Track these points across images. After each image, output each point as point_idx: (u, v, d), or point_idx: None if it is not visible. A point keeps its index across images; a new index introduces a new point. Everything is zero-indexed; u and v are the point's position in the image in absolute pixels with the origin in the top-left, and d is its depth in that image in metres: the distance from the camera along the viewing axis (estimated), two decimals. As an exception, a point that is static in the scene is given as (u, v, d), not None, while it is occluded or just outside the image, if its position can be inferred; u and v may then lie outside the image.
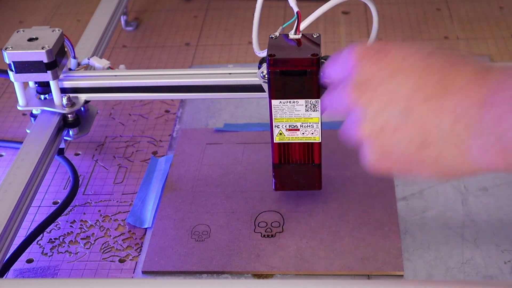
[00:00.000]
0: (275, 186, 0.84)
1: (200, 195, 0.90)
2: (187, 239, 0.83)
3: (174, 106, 1.10)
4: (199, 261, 0.80)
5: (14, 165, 0.82)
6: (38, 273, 0.82)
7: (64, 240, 0.86)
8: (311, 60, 0.75)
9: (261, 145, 0.98)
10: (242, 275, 0.79)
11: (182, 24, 1.35)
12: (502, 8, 1.32)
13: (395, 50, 0.54)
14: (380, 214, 0.85)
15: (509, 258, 0.79)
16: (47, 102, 0.91)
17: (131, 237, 0.86)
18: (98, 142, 1.04)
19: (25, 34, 0.88)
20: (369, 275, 0.78)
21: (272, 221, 0.85)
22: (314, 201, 0.87)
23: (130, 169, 0.98)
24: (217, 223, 0.85)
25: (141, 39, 1.31)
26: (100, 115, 1.09)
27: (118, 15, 1.20)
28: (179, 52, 1.26)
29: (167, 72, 0.91)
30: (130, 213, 0.89)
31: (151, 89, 0.90)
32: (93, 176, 0.97)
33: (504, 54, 1.18)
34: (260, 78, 0.82)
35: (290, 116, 0.78)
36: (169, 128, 1.05)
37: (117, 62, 1.20)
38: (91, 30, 1.09)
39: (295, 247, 0.81)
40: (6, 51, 0.85)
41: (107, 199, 0.93)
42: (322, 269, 0.78)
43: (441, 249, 0.80)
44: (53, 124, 0.89)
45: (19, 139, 1.04)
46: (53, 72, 0.87)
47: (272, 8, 1.36)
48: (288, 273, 0.79)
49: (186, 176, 0.93)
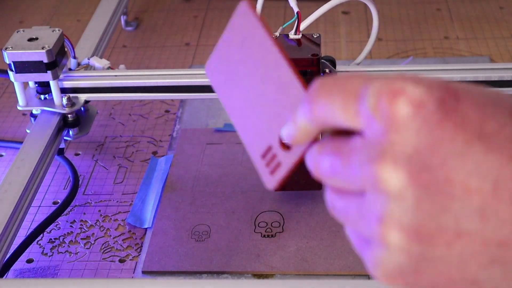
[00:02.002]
0: (275, 186, 0.84)
1: (200, 195, 0.90)
2: (187, 239, 0.83)
3: (174, 106, 1.10)
4: (199, 261, 0.80)
5: (14, 165, 0.82)
6: (38, 273, 0.82)
7: (64, 240, 0.86)
8: (311, 60, 0.75)
9: (261, 145, 0.98)
10: (242, 275, 0.79)
11: (182, 24, 1.35)
12: (502, 8, 1.32)
13: (468, 100, 0.32)
14: (380, 214, 0.85)
15: (509, 258, 0.79)
16: (47, 102, 0.91)
17: (131, 237, 0.86)
18: (98, 142, 1.04)
19: (25, 34, 0.88)
20: (369, 275, 0.78)
21: (272, 221, 0.85)
22: (314, 201, 0.87)
23: (130, 169, 0.98)
24: (217, 223, 0.85)
25: (141, 39, 1.31)
26: (100, 115, 1.09)
27: (118, 15, 1.20)
28: (179, 52, 1.26)
29: (167, 72, 0.91)
30: (130, 213, 0.89)
31: (151, 89, 0.90)
32: (93, 176, 0.97)
33: (504, 54, 1.18)
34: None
35: (290, 116, 0.78)
36: (169, 128, 1.05)
37: (117, 62, 1.20)
38: (91, 30, 1.09)
39: (295, 247, 0.81)
40: (6, 51, 0.85)
41: (107, 199, 0.93)
42: (322, 269, 0.78)
43: (441, 249, 0.80)
44: (53, 124, 0.89)
45: (19, 139, 1.04)
46: (53, 72, 0.87)
47: (272, 8, 1.36)
48: (288, 273, 0.79)
49: (186, 176, 0.93)
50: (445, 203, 0.31)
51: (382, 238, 0.32)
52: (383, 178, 0.32)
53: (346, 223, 0.36)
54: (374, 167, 0.32)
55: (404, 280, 0.33)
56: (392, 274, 0.33)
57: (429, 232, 0.31)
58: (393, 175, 0.31)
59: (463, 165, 0.31)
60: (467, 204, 0.31)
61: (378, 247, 0.33)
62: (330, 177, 0.35)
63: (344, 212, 0.35)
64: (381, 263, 0.33)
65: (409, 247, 0.32)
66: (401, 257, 0.32)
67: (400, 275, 0.33)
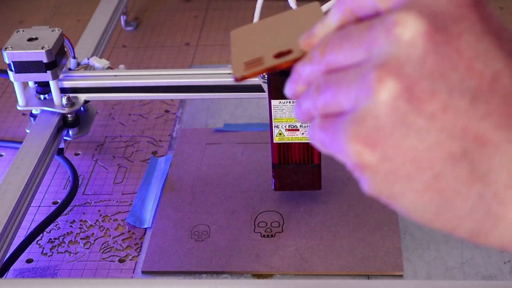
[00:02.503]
0: (275, 186, 0.84)
1: (200, 195, 0.90)
2: (187, 239, 0.83)
3: (174, 106, 1.10)
4: (199, 261, 0.80)
5: (14, 165, 0.82)
6: (38, 273, 0.82)
7: (64, 240, 0.86)
8: (311, 60, 0.75)
9: (261, 145, 0.98)
10: (242, 275, 0.79)
11: (182, 24, 1.35)
12: (502, 8, 1.32)
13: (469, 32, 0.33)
14: (379, 214, 0.85)
15: (508, 258, 0.79)
16: (47, 102, 0.91)
17: (131, 237, 0.86)
18: (98, 142, 1.04)
19: (25, 34, 0.88)
20: (369, 275, 0.78)
21: (272, 221, 0.85)
22: (314, 201, 0.87)
23: (130, 169, 0.98)
24: (217, 223, 0.85)
25: (141, 39, 1.31)
26: (100, 115, 1.09)
27: (118, 15, 1.20)
28: (179, 52, 1.26)
29: (167, 72, 0.90)
30: (130, 213, 0.89)
31: (151, 89, 0.90)
32: (93, 176, 0.97)
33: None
34: (260, 78, 0.82)
35: (289, 116, 0.78)
36: (169, 128, 1.05)
37: (117, 62, 1.20)
38: (91, 30, 1.09)
39: (295, 247, 0.81)
40: (6, 51, 0.85)
41: (107, 199, 0.93)
42: (322, 269, 0.78)
43: (441, 249, 0.80)
44: (53, 124, 0.89)
45: (19, 139, 1.04)
46: (53, 72, 0.87)
47: (272, 8, 1.36)
48: (288, 273, 0.79)
49: (186, 176, 0.93)
50: (446, 70, 0.32)
51: (377, 84, 0.32)
52: (403, 20, 0.32)
53: (325, 90, 0.35)
54: (397, 12, 0.33)
55: (374, 144, 0.32)
56: (367, 134, 0.32)
57: (421, 94, 0.32)
58: (413, 21, 0.32)
59: (475, 44, 0.32)
60: (465, 81, 0.32)
61: (365, 98, 0.32)
62: (340, 42, 0.35)
63: (334, 76, 0.35)
64: (361, 118, 0.32)
65: (397, 102, 0.32)
66: (385, 111, 0.32)
67: (375, 136, 0.32)
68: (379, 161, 0.33)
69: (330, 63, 0.35)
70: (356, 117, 0.33)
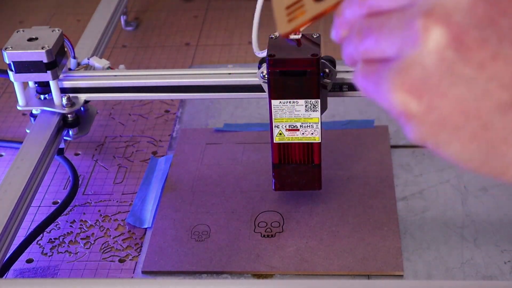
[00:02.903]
0: (275, 186, 0.84)
1: (200, 195, 0.90)
2: (187, 239, 0.83)
3: (174, 106, 1.10)
4: (199, 261, 0.80)
5: (14, 165, 0.82)
6: (38, 273, 0.82)
7: (64, 240, 0.86)
8: (311, 60, 0.75)
9: (261, 145, 0.98)
10: (242, 275, 0.79)
11: (182, 24, 1.35)
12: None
13: None
14: (380, 214, 0.85)
15: (508, 258, 0.79)
16: (47, 102, 0.91)
17: (131, 237, 0.86)
18: (98, 142, 1.04)
19: (25, 34, 0.88)
20: (369, 275, 0.78)
21: (272, 221, 0.85)
22: (314, 201, 0.87)
23: (130, 169, 0.98)
24: (217, 223, 0.85)
25: (141, 39, 1.31)
26: (100, 115, 1.09)
27: (118, 15, 1.20)
28: (179, 52, 1.26)
29: (167, 72, 0.90)
30: (130, 213, 0.89)
31: (151, 89, 0.90)
32: (93, 176, 0.97)
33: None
34: (260, 78, 0.82)
35: (290, 116, 0.78)
36: (169, 128, 1.05)
37: (117, 62, 1.20)
38: (91, 30, 1.09)
39: (295, 247, 0.81)
40: (6, 51, 0.85)
41: (107, 199, 0.93)
42: (322, 269, 0.78)
43: (441, 249, 0.80)
44: (53, 124, 0.89)
45: (19, 139, 1.04)
46: (53, 72, 0.87)
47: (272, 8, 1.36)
48: (288, 273, 0.79)
49: (186, 176, 0.93)
50: (496, 17, 0.30)
51: (423, 32, 0.31)
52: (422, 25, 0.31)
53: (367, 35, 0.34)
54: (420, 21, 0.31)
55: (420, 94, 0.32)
56: (413, 83, 0.32)
57: (470, 42, 0.30)
58: None
59: None
60: None
61: (411, 46, 0.32)
62: None
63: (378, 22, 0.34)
64: (407, 67, 0.32)
65: (445, 52, 0.31)
66: (432, 61, 0.31)
67: (422, 85, 0.31)
68: (425, 111, 0.32)
69: (372, 6, 0.35)
70: (402, 66, 0.32)
